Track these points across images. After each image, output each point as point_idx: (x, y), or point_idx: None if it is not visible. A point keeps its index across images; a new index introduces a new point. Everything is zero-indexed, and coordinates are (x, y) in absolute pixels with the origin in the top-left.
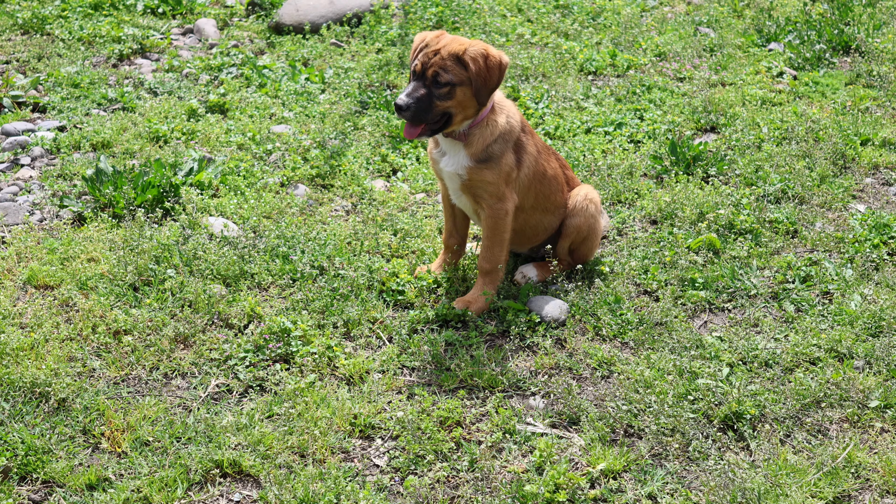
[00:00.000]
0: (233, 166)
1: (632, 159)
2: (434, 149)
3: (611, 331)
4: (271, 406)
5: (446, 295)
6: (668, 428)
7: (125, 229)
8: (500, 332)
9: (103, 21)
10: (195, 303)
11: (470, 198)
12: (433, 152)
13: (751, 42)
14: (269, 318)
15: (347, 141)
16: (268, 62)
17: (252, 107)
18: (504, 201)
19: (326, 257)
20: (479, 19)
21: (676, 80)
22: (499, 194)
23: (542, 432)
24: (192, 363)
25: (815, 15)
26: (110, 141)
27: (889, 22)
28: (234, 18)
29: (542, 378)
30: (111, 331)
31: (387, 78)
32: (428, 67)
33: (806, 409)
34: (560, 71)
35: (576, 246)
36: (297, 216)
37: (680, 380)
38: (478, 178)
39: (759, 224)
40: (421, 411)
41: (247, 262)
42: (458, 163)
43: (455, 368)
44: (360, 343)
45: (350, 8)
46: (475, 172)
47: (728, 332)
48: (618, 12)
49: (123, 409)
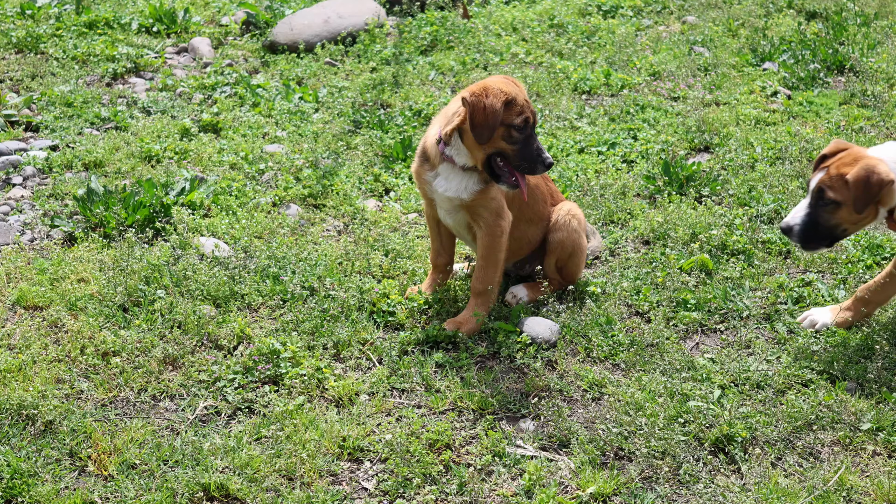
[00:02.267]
0: (225, 186)
1: (625, 179)
2: (426, 171)
3: (602, 352)
4: (259, 428)
5: (437, 316)
6: (658, 451)
7: (115, 249)
8: (490, 354)
9: (98, 40)
10: (185, 324)
11: (467, 216)
12: (425, 174)
13: (745, 61)
14: (258, 339)
15: (340, 160)
16: (262, 81)
17: (245, 126)
18: (502, 218)
19: (317, 278)
20: (473, 38)
21: (670, 100)
22: (498, 210)
23: (531, 455)
24: (180, 385)
25: (809, 34)
26: (102, 160)
27: (883, 41)
28: (228, 37)
29: (533, 400)
30: (99, 352)
31: (381, 97)
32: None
33: (797, 431)
34: (554, 90)
35: (562, 263)
36: (288, 236)
37: (671, 402)
38: (482, 197)
39: (751, 245)
40: (410, 434)
41: (237, 283)
42: (465, 187)
43: (445, 390)
44: (349, 364)
45: (344, 27)
46: (482, 193)
47: (720, 354)
48: (612, 31)
49: (111, 432)
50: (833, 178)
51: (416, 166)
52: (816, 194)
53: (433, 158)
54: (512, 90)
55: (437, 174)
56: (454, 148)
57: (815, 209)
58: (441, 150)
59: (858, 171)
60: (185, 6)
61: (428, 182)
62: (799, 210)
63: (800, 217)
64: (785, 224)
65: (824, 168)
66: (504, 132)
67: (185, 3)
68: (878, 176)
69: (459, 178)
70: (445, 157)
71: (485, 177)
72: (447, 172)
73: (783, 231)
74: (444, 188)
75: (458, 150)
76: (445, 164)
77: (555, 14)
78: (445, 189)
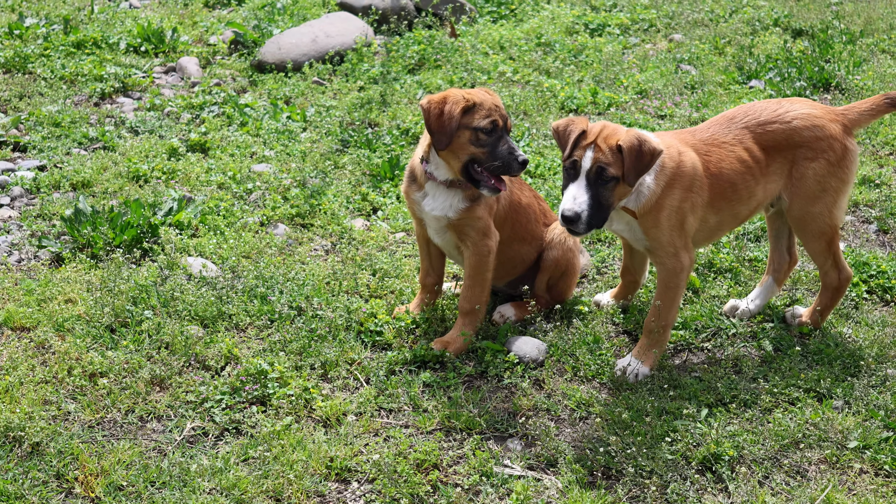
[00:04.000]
0: (213, 206)
1: None
2: (415, 191)
3: (589, 371)
4: (247, 449)
5: (424, 336)
6: (646, 470)
7: (103, 270)
8: (478, 373)
9: (86, 60)
10: (172, 344)
11: (454, 236)
12: (414, 194)
13: (732, 79)
14: (246, 359)
15: (328, 180)
16: (249, 100)
17: (233, 145)
18: (489, 237)
19: (305, 298)
20: (461, 57)
21: (657, 118)
22: (485, 229)
23: (519, 475)
24: (167, 406)
25: (795, 52)
26: (90, 180)
27: (869, 59)
28: (216, 57)
29: (520, 419)
30: (87, 373)
31: (368, 116)
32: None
33: (784, 450)
34: (541, 109)
35: (554, 281)
36: (276, 256)
37: (658, 421)
38: (468, 216)
39: (738, 263)
40: (398, 454)
41: (225, 303)
42: (451, 205)
43: (433, 410)
44: (337, 385)
45: (332, 46)
46: (467, 211)
47: (707, 373)
48: (599, 50)
49: (98, 453)
50: (607, 152)
51: (404, 186)
52: (596, 173)
53: (420, 178)
54: (477, 97)
55: (424, 194)
56: (433, 164)
57: (597, 189)
58: (424, 169)
59: (630, 139)
60: (172, 26)
61: (417, 202)
62: (578, 195)
63: (584, 202)
64: (570, 212)
65: (589, 146)
66: (472, 136)
67: (173, 23)
68: (650, 144)
69: (445, 195)
70: (429, 174)
71: (470, 194)
72: (433, 191)
73: (567, 220)
74: (430, 207)
75: (436, 165)
76: (430, 182)
77: (542, 33)
78: (433, 208)
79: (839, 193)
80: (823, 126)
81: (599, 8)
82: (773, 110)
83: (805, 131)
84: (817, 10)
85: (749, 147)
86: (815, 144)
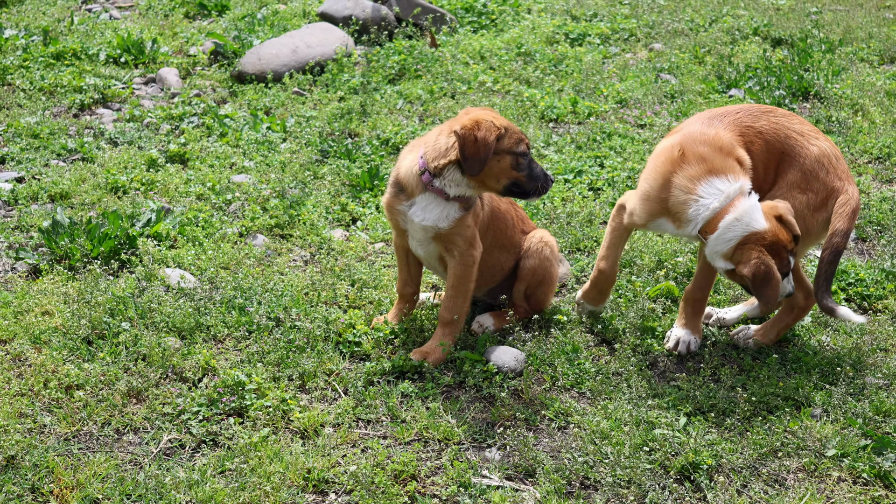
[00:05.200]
0: (191, 217)
1: (591, 207)
2: (401, 201)
3: (568, 381)
4: (224, 461)
5: (403, 346)
6: (624, 479)
7: (80, 282)
8: (456, 383)
9: (65, 71)
10: (149, 356)
11: (441, 246)
12: (398, 205)
13: (711, 88)
14: (223, 371)
15: (307, 190)
16: (229, 111)
17: (212, 156)
18: (474, 248)
19: (283, 308)
20: (441, 67)
21: (637, 127)
22: (472, 239)
23: (497, 485)
24: (144, 418)
25: (774, 61)
26: (69, 192)
27: (848, 68)
28: (196, 67)
29: (499, 429)
30: (63, 386)
31: (348, 126)
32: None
33: (763, 458)
34: (521, 118)
35: (532, 291)
36: (254, 267)
37: (637, 430)
38: (459, 225)
39: None
40: (375, 465)
41: (203, 314)
42: (446, 216)
43: (411, 420)
44: (315, 396)
45: (312, 56)
46: (459, 221)
47: (686, 381)
48: (579, 59)
49: (73, 466)
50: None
51: (388, 197)
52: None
53: (410, 188)
54: (502, 122)
55: (412, 203)
56: (447, 180)
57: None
58: (427, 181)
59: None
60: (153, 37)
61: (402, 213)
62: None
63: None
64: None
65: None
66: (512, 161)
67: (153, 34)
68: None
69: (441, 207)
70: (432, 188)
71: (465, 204)
72: (426, 202)
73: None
74: (420, 218)
75: (451, 182)
76: (427, 194)
77: (522, 42)
78: (423, 219)
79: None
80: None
81: (580, 18)
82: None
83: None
84: (797, 19)
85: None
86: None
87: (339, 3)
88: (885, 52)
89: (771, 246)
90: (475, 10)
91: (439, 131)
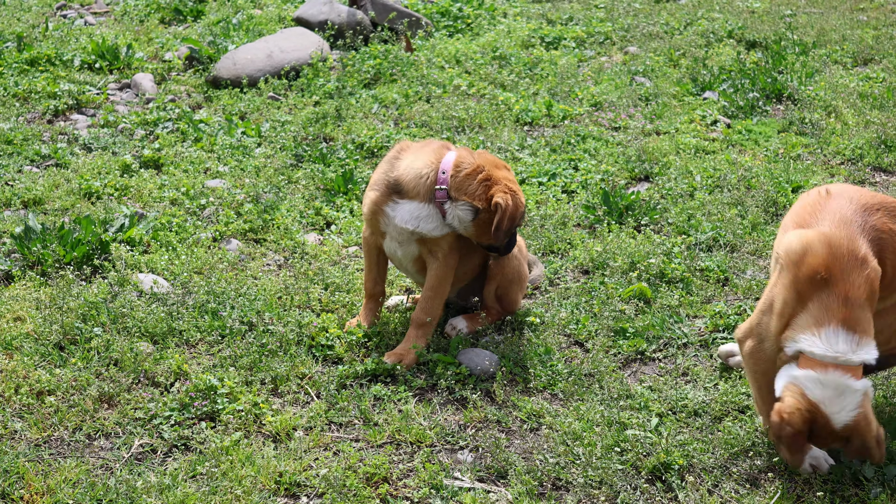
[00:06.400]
0: (165, 222)
1: (565, 209)
2: (391, 201)
3: (540, 382)
4: (195, 465)
5: (376, 349)
6: (596, 480)
7: (53, 288)
8: (429, 386)
9: (39, 77)
10: (121, 361)
11: (423, 248)
12: (386, 205)
13: (686, 91)
14: (195, 375)
15: (281, 194)
16: (204, 116)
17: (187, 161)
18: (454, 252)
19: (256, 313)
20: (416, 71)
21: (611, 130)
22: (452, 244)
23: (469, 487)
24: (116, 423)
25: (748, 63)
26: (42, 198)
27: (821, 70)
28: (171, 73)
29: (471, 432)
30: (34, 391)
31: (323, 131)
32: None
33: (734, 458)
34: (496, 122)
35: (503, 291)
36: (228, 271)
37: (609, 431)
38: (448, 234)
39: (690, 273)
40: (347, 468)
41: (175, 319)
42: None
43: (383, 423)
44: (287, 399)
45: (288, 61)
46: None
47: (658, 382)
48: (555, 63)
49: (44, 472)
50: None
51: (377, 196)
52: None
53: (414, 192)
54: (523, 198)
55: (401, 204)
56: (457, 211)
57: None
58: (440, 200)
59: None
60: (127, 42)
61: (387, 213)
62: None
63: None
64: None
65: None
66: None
67: (128, 40)
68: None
69: (437, 221)
70: (439, 204)
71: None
72: (423, 211)
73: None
74: (406, 221)
75: (458, 217)
76: (430, 205)
77: (498, 46)
78: (407, 221)
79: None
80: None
81: (555, 21)
82: None
83: None
84: (771, 21)
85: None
86: None
87: (314, 7)
88: (858, 54)
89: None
90: (451, 15)
91: (464, 165)
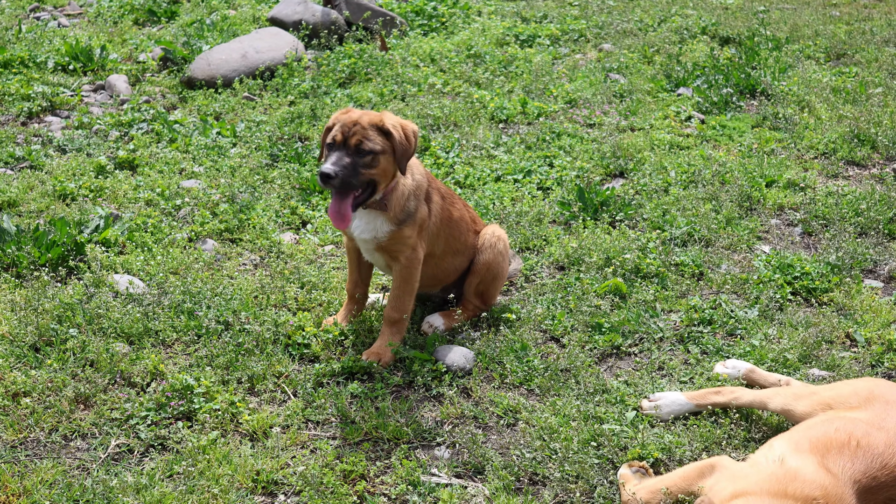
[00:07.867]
0: (140, 223)
1: (540, 206)
2: None
3: (517, 378)
4: (172, 465)
5: (353, 347)
6: (572, 475)
7: (28, 289)
8: (406, 383)
9: (13, 79)
10: (97, 362)
11: (385, 255)
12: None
13: (660, 87)
14: (172, 375)
15: (257, 194)
16: (179, 117)
17: (162, 162)
18: (417, 250)
19: (232, 312)
20: (391, 70)
21: (586, 127)
22: (414, 245)
23: (446, 483)
24: (92, 424)
25: (722, 59)
26: (16, 200)
27: (794, 65)
28: (146, 74)
29: (448, 428)
30: (9, 393)
31: (299, 130)
32: (350, 137)
33: (709, 450)
34: (471, 120)
35: (485, 286)
36: (203, 271)
37: (585, 425)
38: (397, 236)
39: (665, 268)
40: (324, 465)
41: (151, 319)
42: (378, 229)
43: (360, 421)
44: (264, 398)
45: (262, 61)
46: (395, 233)
47: (633, 377)
48: (529, 61)
49: (20, 473)
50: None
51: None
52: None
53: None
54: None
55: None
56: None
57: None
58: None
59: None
60: (101, 44)
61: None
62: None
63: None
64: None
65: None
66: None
67: (102, 41)
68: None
69: (368, 217)
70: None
71: (395, 219)
72: (363, 215)
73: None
74: (360, 231)
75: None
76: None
77: (472, 44)
78: (362, 232)
79: None
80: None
81: (530, 19)
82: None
83: None
84: (744, 17)
85: None
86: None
87: (288, 7)
88: (830, 49)
89: None
90: (425, 13)
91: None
